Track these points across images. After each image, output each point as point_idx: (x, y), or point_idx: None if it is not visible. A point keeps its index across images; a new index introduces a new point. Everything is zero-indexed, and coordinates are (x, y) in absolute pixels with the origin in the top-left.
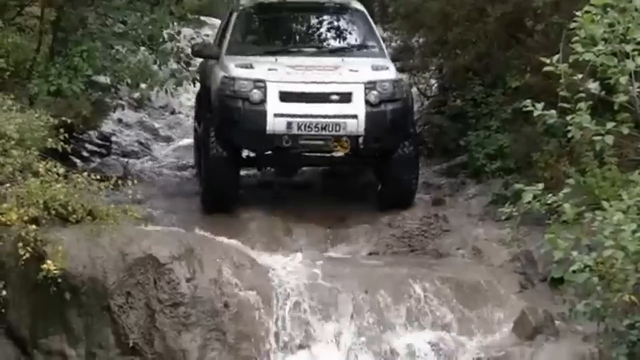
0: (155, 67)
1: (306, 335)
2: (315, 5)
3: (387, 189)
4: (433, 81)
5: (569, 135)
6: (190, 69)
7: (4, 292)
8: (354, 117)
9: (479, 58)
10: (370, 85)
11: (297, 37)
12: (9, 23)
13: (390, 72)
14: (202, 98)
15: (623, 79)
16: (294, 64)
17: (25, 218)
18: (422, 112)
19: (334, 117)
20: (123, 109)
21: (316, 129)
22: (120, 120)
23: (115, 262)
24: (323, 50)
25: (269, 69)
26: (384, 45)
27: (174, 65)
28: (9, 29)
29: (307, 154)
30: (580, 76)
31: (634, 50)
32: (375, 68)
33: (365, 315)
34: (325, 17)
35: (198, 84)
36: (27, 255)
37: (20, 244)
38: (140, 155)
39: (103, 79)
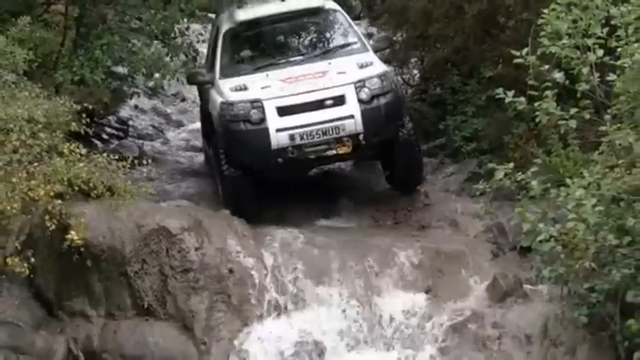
0: (168, 58)
1: (301, 298)
2: (293, 14)
3: (397, 172)
4: (415, 72)
5: (537, 119)
6: (198, 61)
7: (33, 260)
8: (350, 117)
9: (457, 51)
10: (359, 84)
11: (283, 48)
12: (36, 19)
13: (376, 67)
14: (203, 112)
15: (585, 70)
16: (284, 76)
17: (52, 194)
18: (405, 99)
19: (331, 121)
20: (139, 97)
21: (317, 136)
22: (136, 107)
23: (132, 232)
24: (309, 57)
25: (262, 87)
26: (365, 40)
27: (184, 57)
28: (36, 24)
29: (313, 157)
30: (546, 67)
31: (594, 43)
32: (361, 66)
33: (354, 280)
34: (304, 22)
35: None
36: (53, 226)
37: (47, 217)
38: (154, 137)
39: (121, 70)
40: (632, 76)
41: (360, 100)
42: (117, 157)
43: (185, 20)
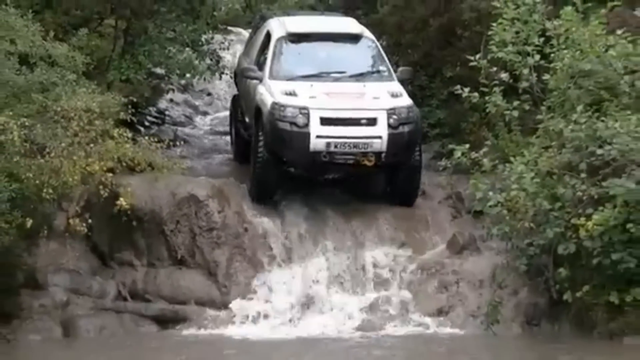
0: (196, 62)
1: (302, 251)
2: (338, 35)
3: (397, 189)
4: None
5: (487, 110)
6: (220, 64)
7: (90, 221)
8: (378, 137)
9: (424, 56)
10: (391, 112)
11: (326, 63)
12: (92, 31)
13: (404, 99)
14: (236, 101)
15: (525, 71)
16: (327, 90)
17: (105, 168)
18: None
19: (362, 138)
20: (173, 92)
21: (349, 147)
22: (171, 100)
23: (168, 199)
24: (347, 76)
25: (310, 97)
26: (392, 70)
27: (209, 61)
28: (92, 35)
29: (341, 164)
30: (495, 69)
31: (532, 50)
32: (393, 95)
33: (344, 237)
34: (346, 45)
35: (223, 74)
36: (106, 194)
37: (101, 187)
38: (186, 124)
39: (159, 70)
40: (562, 76)
41: (389, 125)
42: (156, 139)
43: (210, 31)
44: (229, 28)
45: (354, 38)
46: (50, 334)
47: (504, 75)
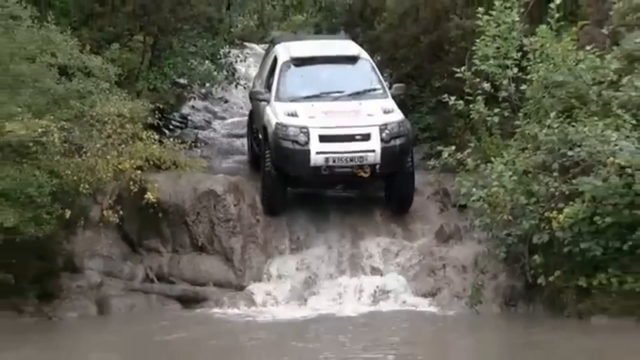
0: (215, 73)
1: (307, 240)
2: (337, 57)
3: (393, 196)
4: (387, 83)
5: (471, 116)
6: (235, 75)
7: (121, 212)
8: (372, 151)
9: (415, 69)
10: (383, 127)
11: (326, 84)
12: (123, 45)
13: (396, 114)
14: (251, 118)
15: (505, 82)
16: (326, 109)
17: (134, 166)
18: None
19: (358, 152)
20: (195, 99)
21: (346, 161)
22: (193, 106)
23: (190, 194)
24: (345, 95)
25: (310, 117)
26: (386, 88)
27: (226, 72)
28: (123, 49)
29: (339, 176)
30: (478, 80)
31: (511, 63)
32: (385, 111)
33: (344, 229)
34: (345, 66)
35: (238, 84)
36: (135, 189)
37: (131, 183)
38: (205, 128)
39: (182, 80)
40: (537, 86)
41: (381, 139)
42: (179, 141)
43: (227, 46)
44: (244, 43)
45: (352, 59)
46: (86, 312)
47: (486, 86)
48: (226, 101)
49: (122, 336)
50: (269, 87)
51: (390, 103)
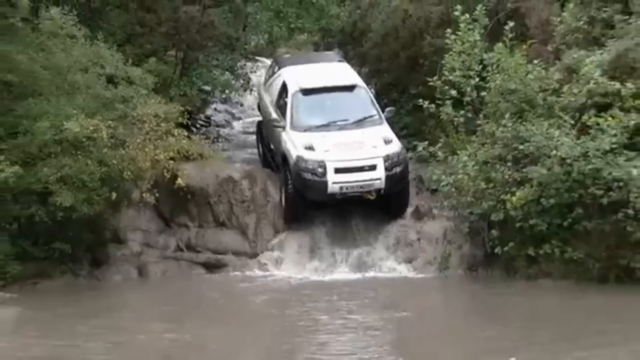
0: (233, 82)
1: (307, 218)
2: (339, 87)
3: (392, 207)
4: (373, 90)
5: (441, 117)
6: (250, 83)
7: (157, 194)
8: (379, 179)
9: (396, 78)
10: (386, 157)
11: (331, 112)
12: (159, 59)
13: (395, 145)
14: (264, 133)
15: (468, 89)
16: (337, 141)
17: (168, 157)
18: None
19: (367, 180)
20: (216, 103)
21: (357, 188)
22: (215, 109)
23: (213, 179)
24: (349, 123)
25: (325, 150)
26: (381, 112)
27: (242, 81)
28: (159, 62)
29: (349, 198)
30: (446, 87)
31: (473, 74)
32: (386, 141)
33: (338, 212)
34: (345, 94)
35: (252, 91)
36: (168, 176)
37: (165, 170)
38: (225, 126)
39: (207, 88)
40: (494, 93)
41: (385, 168)
42: (204, 137)
43: (243, 60)
44: (257, 57)
45: (350, 88)
46: (128, 275)
47: (453, 92)
48: (242, 105)
49: (158, 294)
50: (281, 107)
51: (387, 130)
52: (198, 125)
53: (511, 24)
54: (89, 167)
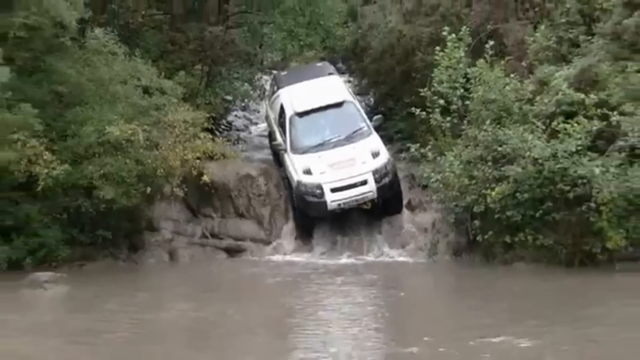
0: (251, 92)
1: None
2: (330, 104)
3: (388, 208)
4: (371, 99)
5: (431, 123)
6: (265, 94)
7: (185, 189)
8: (370, 191)
9: (392, 89)
10: (375, 171)
11: (324, 131)
12: (187, 72)
13: (382, 157)
14: (274, 150)
15: (455, 98)
16: (330, 161)
17: (195, 157)
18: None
19: (360, 194)
20: (237, 110)
21: (352, 202)
22: (235, 115)
23: (233, 176)
24: (340, 140)
25: (321, 172)
26: (369, 123)
27: (259, 92)
28: (188, 75)
29: (347, 210)
30: (435, 97)
31: (459, 86)
32: (374, 155)
33: None
34: (335, 110)
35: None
36: (195, 173)
37: (193, 168)
38: (244, 130)
39: (228, 97)
40: (477, 102)
41: (375, 181)
42: (226, 139)
43: (260, 73)
44: (272, 71)
45: (340, 104)
46: (161, 259)
47: (441, 101)
48: (258, 112)
49: (187, 274)
50: (282, 130)
51: (375, 142)
52: (221, 130)
53: (491, 42)
54: (128, 165)
